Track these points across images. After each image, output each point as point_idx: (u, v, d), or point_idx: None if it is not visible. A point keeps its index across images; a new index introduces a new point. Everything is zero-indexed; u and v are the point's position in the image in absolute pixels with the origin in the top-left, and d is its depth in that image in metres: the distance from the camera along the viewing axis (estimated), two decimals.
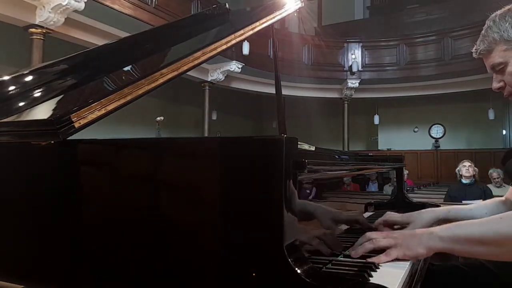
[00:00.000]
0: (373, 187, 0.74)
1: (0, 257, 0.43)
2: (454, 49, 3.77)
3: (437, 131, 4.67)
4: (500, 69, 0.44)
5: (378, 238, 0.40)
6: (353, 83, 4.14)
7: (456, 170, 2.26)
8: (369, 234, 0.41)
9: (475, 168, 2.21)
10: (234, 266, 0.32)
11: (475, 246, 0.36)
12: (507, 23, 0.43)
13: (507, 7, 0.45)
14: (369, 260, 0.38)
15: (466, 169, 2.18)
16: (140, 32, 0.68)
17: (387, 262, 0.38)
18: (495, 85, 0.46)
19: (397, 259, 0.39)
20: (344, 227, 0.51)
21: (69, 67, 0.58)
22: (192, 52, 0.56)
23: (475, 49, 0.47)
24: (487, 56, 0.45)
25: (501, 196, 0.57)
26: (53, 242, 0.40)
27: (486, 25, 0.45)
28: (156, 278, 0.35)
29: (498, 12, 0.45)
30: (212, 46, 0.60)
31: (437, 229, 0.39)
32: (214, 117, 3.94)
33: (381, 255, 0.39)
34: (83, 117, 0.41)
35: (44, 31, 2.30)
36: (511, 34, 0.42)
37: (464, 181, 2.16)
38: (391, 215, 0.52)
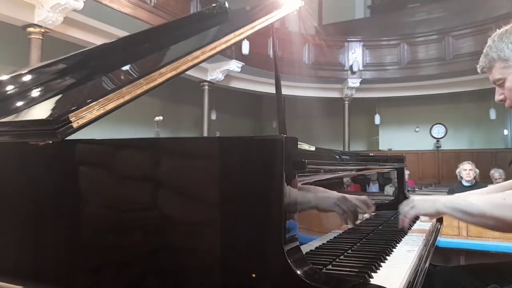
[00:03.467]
0: (373, 187, 0.73)
1: (0, 257, 0.43)
2: (455, 48, 3.75)
3: (438, 131, 4.65)
4: (500, 83, 0.51)
5: (402, 206, 0.54)
6: (353, 82, 4.12)
7: (457, 171, 2.25)
8: (400, 208, 0.55)
9: (476, 170, 2.20)
10: (234, 266, 0.32)
11: (465, 216, 0.48)
12: (503, 44, 0.48)
13: (506, 27, 0.50)
14: (401, 224, 0.53)
15: (466, 173, 2.16)
16: (139, 31, 0.67)
17: (410, 219, 0.53)
18: (497, 97, 0.52)
19: (398, 259, 0.42)
20: (344, 226, 0.50)
21: (67, 67, 0.58)
22: (191, 51, 0.56)
23: (479, 65, 0.53)
24: (489, 72, 0.52)
25: None
26: (53, 242, 0.40)
27: (487, 43, 0.51)
28: (156, 278, 0.35)
29: (498, 32, 0.51)
30: (212, 45, 0.60)
31: (444, 197, 0.52)
32: (213, 116, 3.92)
33: (405, 219, 0.53)
34: (82, 117, 0.40)
35: (42, 30, 2.29)
36: (507, 54, 0.48)
37: (465, 183, 2.16)
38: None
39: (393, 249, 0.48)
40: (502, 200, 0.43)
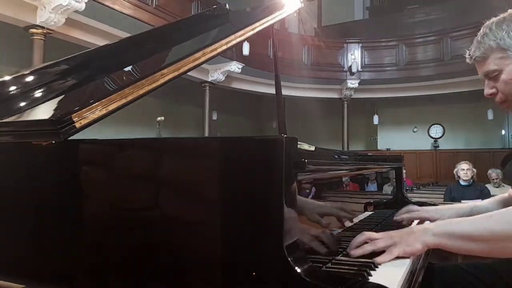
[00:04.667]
0: (372, 187, 0.74)
1: (0, 257, 0.43)
2: (454, 49, 3.78)
3: (436, 131, 4.67)
4: (493, 76, 0.45)
5: (377, 239, 0.41)
6: (352, 83, 4.13)
7: (454, 171, 2.26)
8: (368, 234, 0.42)
9: (473, 169, 2.21)
10: (234, 265, 0.33)
11: (466, 243, 0.37)
12: (504, 32, 0.43)
13: (503, 15, 0.45)
14: (372, 260, 0.39)
15: (464, 173, 2.18)
16: (140, 32, 0.68)
17: (389, 261, 0.39)
18: (488, 91, 0.46)
19: (396, 258, 0.40)
20: (344, 225, 0.51)
21: (70, 68, 0.58)
22: (193, 52, 0.56)
23: (469, 55, 0.47)
24: (482, 63, 0.45)
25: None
26: (54, 242, 0.40)
27: (481, 32, 0.45)
28: (156, 278, 0.35)
29: (495, 19, 0.45)
30: (213, 47, 0.61)
31: (432, 225, 0.42)
32: (214, 117, 3.94)
33: (383, 254, 0.40)
34: (84, 117, 0.41)
35: (44, 31, 2.29)
36: (507, 43, 0.42)
37: (462, 183, 2.16)
38: (413, 209, 0.54)
39: None
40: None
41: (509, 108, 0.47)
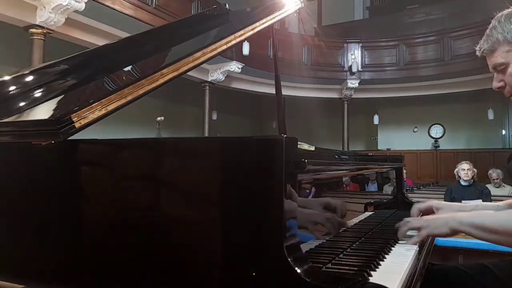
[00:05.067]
0: (372, 187, 0.74)
1: (0, 257, 0.43)
2: (454, 49, 3.77)
3: (436, 131, 4.67)
4: (501, 69, 0.45)
5: (412, 221, 0.49)
6: (352, 83, 4.13)
7: (455, 171, 2.24)
8: (406, 219, 0.50)
9: (474, 169, 2.19)
10: (234, 265, 0.33)
11: (489, 234, 0.43)
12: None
13: None
14: (408, 242, 0.47)
15: (465, 173, 2.16)
16: (140, 32, 0.68)
17: (418, 241, 0.47)
18: (496, 84, 0.47)
19: (398, 258, 0.42)
20: (345, 225, 0.51)
21: (69, 67, 0.58)
22: (192, 52, 0.56)
23: (479, 47, 0.47)
24: (490, 55, 0.46)
25: (500, 195, 0.58)
26: (54, 242, 0.40)
27: (491, 25, 0.45)
28: (157, 278, 0.35)
29: (505, 12, 0.45)
30: (212, 46, 0.60)
31: (459, 214, 0.48)
32: (214, 117, 3.93)
33: (414, 237, 0.47)
34: (84, 117, 0.41)
35: (44, 31, 2.29)
36: None
37: (463, 183, 2.16)
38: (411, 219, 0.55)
39: (392, 248, 0.48)
40: None
41: None
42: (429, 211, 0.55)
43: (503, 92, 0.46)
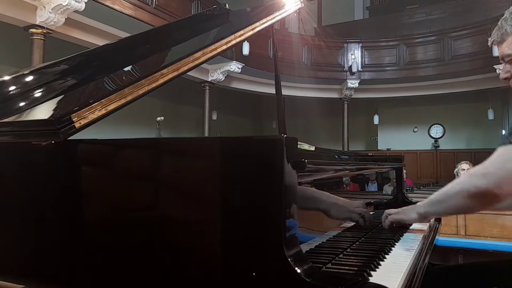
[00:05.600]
0: (372, 187, 0.74)
1: (0, 257, 0.43)
2: (454, 49, 3.77)
3: (436, 131, 4.66)
4: (508, 60, 0.46)
5: (390, 211, 0.57)
6: (352, 83, 4.13)
7: (455, 171, 2.25)
8: (386, 211, 0.57)
9: None
10: (234, 265, 0.33)
11: (441, 205, 0.47)
12: None
13: None
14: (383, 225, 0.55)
15: (464, 173, 2.17)
16: (140, 32, 0.68)
17: (393, 221, 0.55)
18: (503, 75, 0.48)
19: (397, 260, 0.42)
20: (345, 225, 0.51)
21: (69, 67, 0.58)
22: (192, 52, 0.56)
23: (491, 38, 0.48)
24: (499, 46, 0.47)
25: None
26: (54, 242, 0.40)
27: (504, 16, 0.47)
28: (156, 278, 0.35)
29: None
30: (212, 47, 0.61)
31: (424, 200, 0.52)
32: (214, 117, 3.92)
33: (387, 218, 0.55)
34: (84, 117, 0.41)
35: (44, 31, 2.29)
36: None
37: None
38: (390, 212, 0.61)
39: (392, 248, 0.48)
40: (470, 172, 0.44)
41: None
42: None
43: (510, 83, 0.47)
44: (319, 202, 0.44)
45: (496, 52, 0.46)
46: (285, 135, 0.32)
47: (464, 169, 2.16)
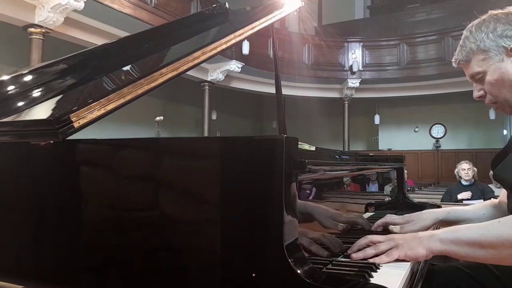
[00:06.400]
0: (373, 187, 0.73)
1: (0, 257, 0.43)
2: (455, 48, 3.67)
3: (437, 131, 4.65)
4: (479, 78, 0.46)
5: (380, 242, 0.40)
6: (353, 82, 4.13)
7: (455, 171, 2.23)
8: (370, 237, 0.41)
9: (474, 168, 2.18)
10: (234, 266, 0.32)
11: (474, 249, 0.37)
12: (483, 33, 0.43)
13: (483, 17, 0.45)
14: (371, 260, 0.39)
15: (465, 172, 2.14)
16: (139, 31, 0.68)
17: (388, 262, 0.39)
18: (476, 94, 0.47)
19: (397, 261, 0.40)
20: (345, 226, 0.51)
21: (68, 67, 0.58)
22: (192, 51, 0.56)
23: (454, 59, 0.48)
24: (466, 66, 0.46)
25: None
26: (53, 242, 0.40)
27: (463, 35, 0.46)
28: (156, 278, 0.35)
29: (475, 22, 0.46)
30: (212, 46, 0.60)
31: (438, 231, 0.40)
32: (214, 117, 3.92)
33: (382, 255, 0.39)
34: (83, 117, 0.41)
35: (43, 30, 2.29)
36: (487, 44, 0.43)
37: (464, 182, 2.15)
38: (391, 217, 0.53)
39: None
40: None
41: (503, 111, 0.47)
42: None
43: (485, 101, 0.46)
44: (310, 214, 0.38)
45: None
46: (285, 135, 0.32)
47: (464, 169, 2.15)
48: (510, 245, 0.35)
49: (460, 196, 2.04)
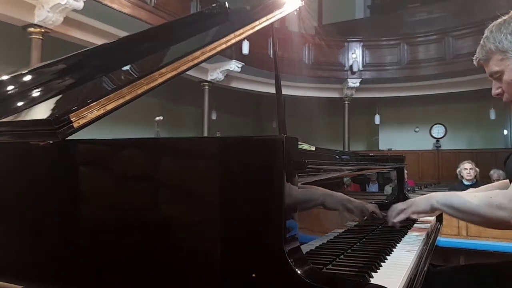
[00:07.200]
0: (373, 187, 0.73)
1: (0, 257, 0.43)
2: (456, 48, 3.75)
3: (438, 131, 4.65)
4: (497, 76, 0.48)
5: (398, 204, 0.56)
6: (353, 82, 4.12)
7: (457, 171, 2.25)
8: (394, 206, 0.56)
9: (476, 168, 2.20)
10: (234, 266, 0.32)
11: (457, 212, 0.49)
12: (502, 34, 0.46)
13: (504, 17, 0.48)
14: (392, 220, 0.54)
15: (467, 172, 2.15)
16: (139, 31, 0.67)
17: (403, 218, 0.54)
18: (494, 91, 0.50)
19: (398, 260, 0.42)
20: (344, 226, 0.50)
21: (68, 67, 0.58)
22: (192, 51, 0.56)
23: (475, 57, 0.51)
24: (486, 64, 0.50)
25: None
26: (53, 242, 0.40)
27: (484, 35, 0.49)
28: (156, 278, 0.35)
29: (496, 22, 0.48)
30: (212, 46, 0.60)
31: (438, 193, 0.53)
32: (213, 116, 3.93)
33: (401, 214, 0.54)
34: (82, 117, 0.40)
35: (43, 30, 2.29)
36: (506, 45, 0.46)
37: (465, 182, 2.16)
38: (396, 205, 0.60)
39: (393, 249, 0.48)
40: (489, 199, 0.44)
41: None
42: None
43: (504, 99, 0.49)
44: (317, 198, 0.44)
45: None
46: (285, 135, 0.32)
47: (466, 168, 2.16)
48: (477, 215, 0.46)
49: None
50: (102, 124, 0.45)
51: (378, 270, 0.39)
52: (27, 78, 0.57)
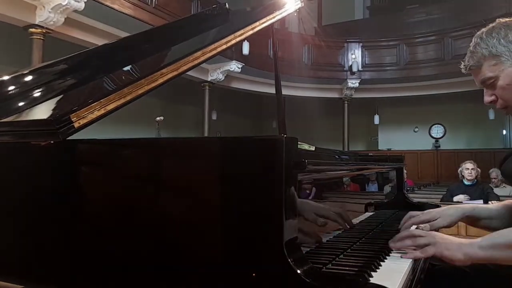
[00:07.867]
0: (373, 187, 0.73)
1: (0, 257, 0.43)
2: (454, 49, 3.77)
3: (437, 131, 4.66)
4: (490, 83, 0.46)
5: (420, 236, 0.43)
6: (353, 83, 4.13)
7: (459, 170, 2.22)
8: (412, 231, 0.45)
9: (478, 169, 2.16)
10: (234, 266, 0.32)
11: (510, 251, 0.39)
12: (495, 39, 0.45)
13: (491, 25, 0.47)
14: (404, 256, 0.42)
15: (469, 172, 2.12)
16: (140, 32, 0.68)
17: (421, 257, 0.41)
18: (487, 99, 0.48)
19: (398, 261, 0.42)
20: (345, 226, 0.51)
21: (69, 67, 0.58)
22: (192, 52, 0.56)
23: (464, 65, 0.49)
24: (477, 71, 0.47)
25: (500, 195, 0.58)
26: (53, 242, 0.40)
27: (473, 42, 0.48)
28: (156, 278, 0.35)
29: (484, 29, 0.47)
30: (212, 46, 0.61)
31: (477, 239, 0.42)
32: (214, 117, 3.93)
33: (417, 251, 0.42)
34: (83, 117, 0.41)
35: (44, 31, 2.29)
36: (499, 49, 0.45)
37: (466, 182, 2.15)
38: (414, 214, 0.53)
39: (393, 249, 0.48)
40: None
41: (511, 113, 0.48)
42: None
43: (497, 106, 0.47)
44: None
45: None
46: (285, 135, 0.32)
47: (468, 168, 2.13)
48: None
49: (456, 199, 2.03)
50: (103, 124, 0.46)
51: (377, 270, 0.39)
52: (28, 78, 0.57)
